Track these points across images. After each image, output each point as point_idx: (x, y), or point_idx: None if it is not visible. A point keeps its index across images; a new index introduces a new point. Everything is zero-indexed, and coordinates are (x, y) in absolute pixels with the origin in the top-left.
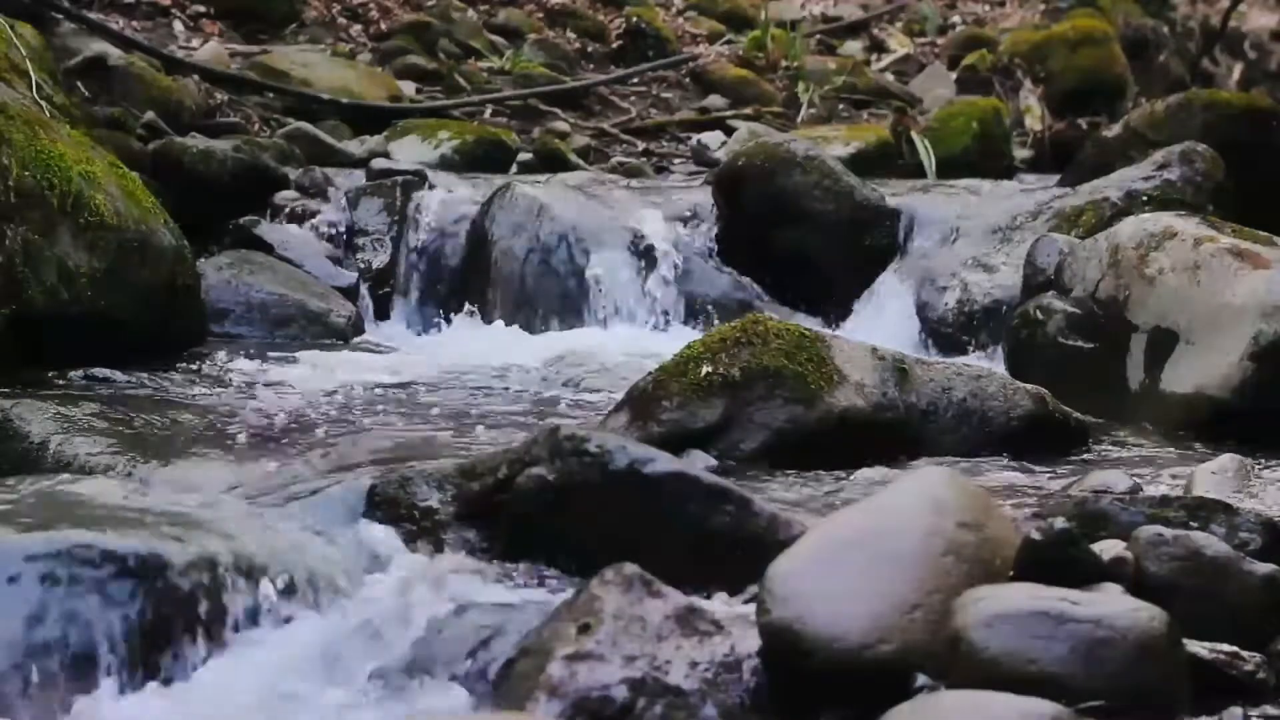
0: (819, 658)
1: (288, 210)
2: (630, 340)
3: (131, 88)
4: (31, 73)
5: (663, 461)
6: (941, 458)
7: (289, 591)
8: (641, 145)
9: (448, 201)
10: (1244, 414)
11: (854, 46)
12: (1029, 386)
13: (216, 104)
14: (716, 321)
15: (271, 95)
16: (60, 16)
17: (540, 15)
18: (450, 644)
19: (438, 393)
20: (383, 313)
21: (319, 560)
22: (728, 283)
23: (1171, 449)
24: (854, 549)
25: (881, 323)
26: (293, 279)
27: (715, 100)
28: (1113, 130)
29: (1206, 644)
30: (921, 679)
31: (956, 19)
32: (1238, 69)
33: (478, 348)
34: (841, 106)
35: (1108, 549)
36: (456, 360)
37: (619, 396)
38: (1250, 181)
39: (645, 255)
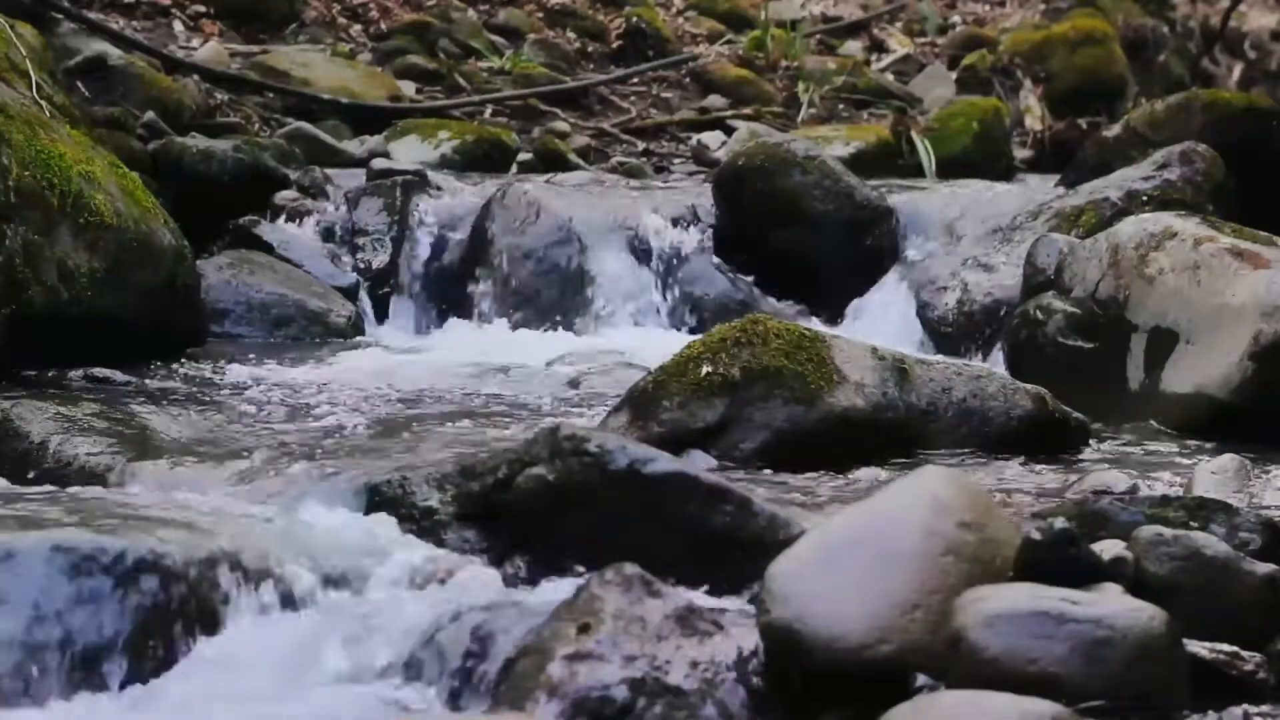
0: (819, 658)
1: (288, 210)
2: (630, 340)
3: (131, 88)
4: (31, 73)
5: (663, 461)
6: (941, 458)
7: (289, 591)
8: (641, 145)
9: (448, 201)
10: (1244, 414)
11: (854, 46)
12: (1029, 386)
13: (216, 104)
14: (716, 321)
15: (271, 95)
16: (60, 16)
17: (540, 15)
18: (450, 644)
19: (438, 392)
20: (383, 313)
21: (319, 560)
22: (727, 283)
23: (1171, 449)
24: (854, 549)
25: (881, 323)
26: (293, 279)
27: (715, 100)
28: (1113, 130)
29: (1206, 644)
30: (921, 679)
31: (956, 19)
32: (1238, 69)
33: (477, 348)
34: (841, 106)
35: (1108, 549)
36: (456, 360)
37: (619, 396)
38: (1250, 181)
39: (645, 255)
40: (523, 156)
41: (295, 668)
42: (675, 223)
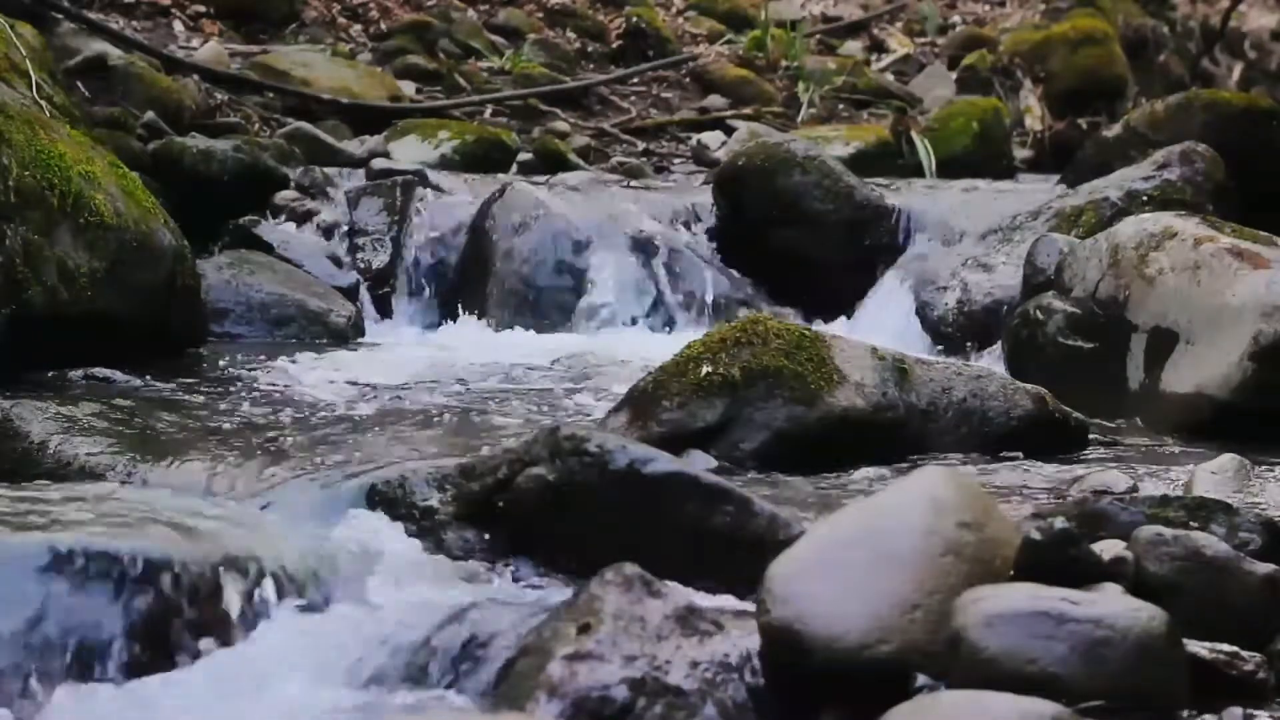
0: (819, 658)
1: (288, 210)
2: (630, 340)
3: (131, 88)
4: (31, 73)
5: (663, 461)
6: (941, 458)
7: (288, 591)
8: (641, 145)
9: (448, 201)
10: (1244, 414)
11: (854, 46)
12: (1029, 386)
13: (216, 104)
14: (716, 322)
15: (271, 95)
16: (60, 16)
17: (540, 15)
18: (450, 644)
19: (438, 393)
20: (383, 313)
21: (319, 560)
22: (727, 283)
23: (1171, 449)
24: (854, 549)
25: (881, 323)
26: (293, 279)
27: (715, 100)
28: (1113, 130)
29: (1206, 644)
30: (921, 679)
31: (956, 19)
32: (1238, 69)
33: (477, 347)
34: (841, 106)
35: (1108, 549)
36: (456, 360)
37: (619, 396)
38: (1250, 181)
39: (645, 255)
40: (523, 156)
41: (295, 668)
42: (675, 223)
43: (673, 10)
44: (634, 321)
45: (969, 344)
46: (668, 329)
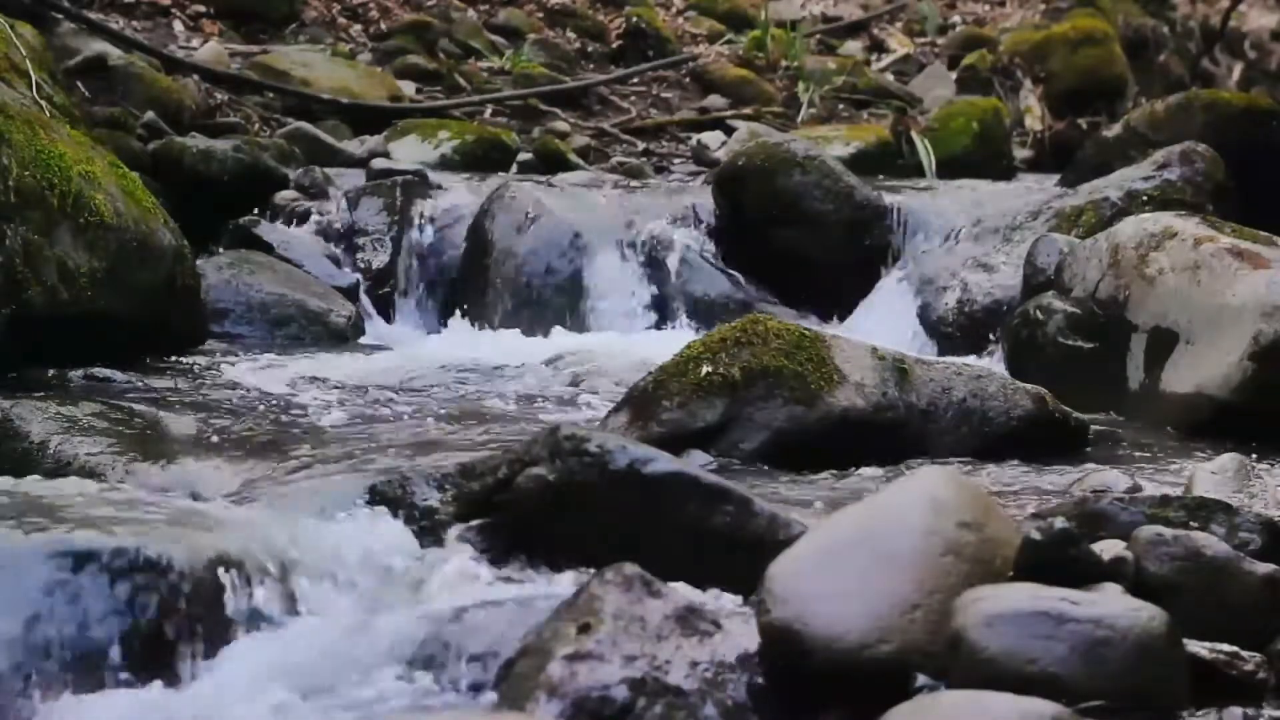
0: (819, 658)
1: (288, 210)
2: (630, 340)
3: (131, 88)
4: (31, 73)
5: (663, 461)
6: (941, 458)
7: (288, 591)
8: (641, 145)
9: (447, 202)
10: (1244, 414)
11: (854, 46)
12: (1029, 386)
13: (216, 104)
14: (716, 322)
15: (271, 95)
16: (60, 16)
17: (540, 15)
18: (450, 644)
19: (438, 393)
20: (383, 313)
21: (318, 560)
22: (728, 283)
23: (1171, 449)
24: (854, 549)
25: (881, 322)
26: (293, 279)
27: (715, 100)
28: (1113, 130)
29: (1206, 644)
30: (921, 679)
31: (956, 19)
32: (1238, 69)
33: (477, 347)
34: (841, 106)
35: (1108, 549)
36: (456, 360)
37: (619, 396)
38: (1250, 181)
39: (645, 255)
40: (523, 156)
41: (294, 669)
42: (675, 223)
43: (673, 10)
44: (633, 321)
45: (969, 344)
46: (667, 329)
